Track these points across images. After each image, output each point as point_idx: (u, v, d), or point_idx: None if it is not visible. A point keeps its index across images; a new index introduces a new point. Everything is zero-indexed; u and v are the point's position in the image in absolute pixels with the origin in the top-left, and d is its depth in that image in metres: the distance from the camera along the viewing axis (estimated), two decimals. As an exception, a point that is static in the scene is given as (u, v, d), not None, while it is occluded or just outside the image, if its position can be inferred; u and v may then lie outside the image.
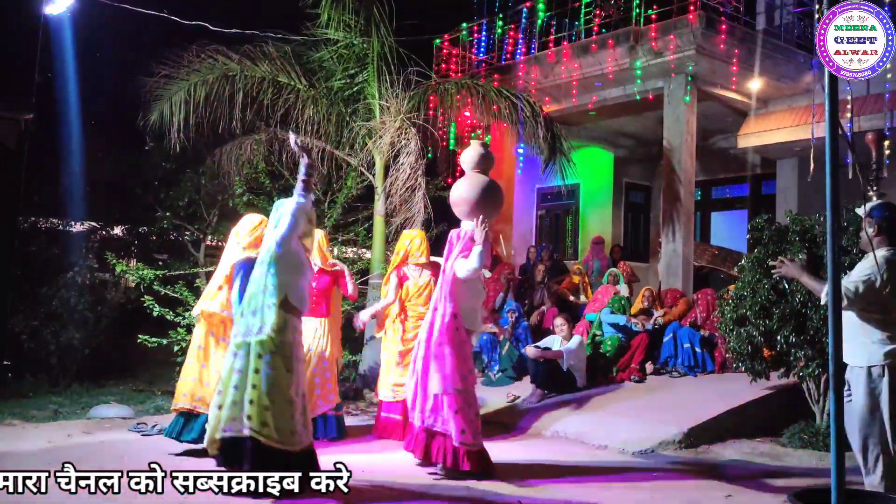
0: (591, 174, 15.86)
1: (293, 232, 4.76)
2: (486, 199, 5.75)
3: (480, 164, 5.91)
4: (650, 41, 11.14)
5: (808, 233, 6.90)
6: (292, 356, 4.70)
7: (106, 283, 10.40)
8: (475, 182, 5.80)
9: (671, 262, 11.29)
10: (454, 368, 5.38)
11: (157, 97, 9.66)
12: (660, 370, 8.89)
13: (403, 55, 9.96)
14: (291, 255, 4.76)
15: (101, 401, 8.15)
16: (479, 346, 9.48)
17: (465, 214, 5.77)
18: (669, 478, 5.52)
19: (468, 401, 5.40)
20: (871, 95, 11.05)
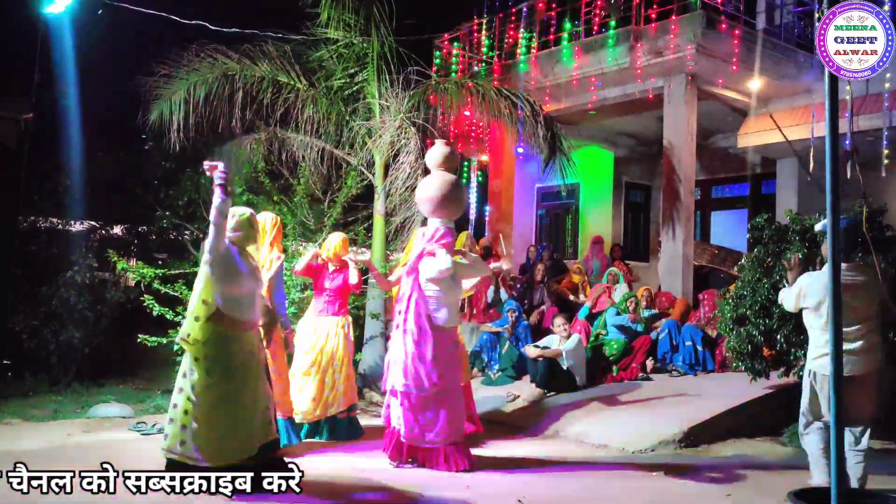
0: (591, 173, 15.86)
1: (217, 238, 4.58)
2: (450, 197, 5.82)
3: (445, 163, 6.00)
4: (650, 40, 11.14)
5: (807, 232, 6.90)
6: (230, 367, 4.58)
7: (106, 282, 10.40)
8: (439, 181, 5.87)
9: (671, 262, 11.29)
10: (415, 367, 5.46)
11: (157, 96, 9.66)
12: (660, 368, 8.89)
13: (403, 54, 9.96)
14: (221, 263, 4.59)
15: (100, 400, 8.15)
16: (478, 346, 9.48)
17: (429, 212, 5.88)
18: (669, 477, 5.52)
19: (438, 400, 5.47)
20: (870, 95, 11.04)
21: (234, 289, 4.63)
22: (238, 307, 4.65)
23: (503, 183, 14.38)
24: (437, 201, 5.81)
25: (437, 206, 5.81)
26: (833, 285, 3.29)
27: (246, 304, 4.71)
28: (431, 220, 5.88)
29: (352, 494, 4.86)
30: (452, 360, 5.65)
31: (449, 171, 6.02)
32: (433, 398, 5.48)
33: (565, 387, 8.17)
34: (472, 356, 9.51)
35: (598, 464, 5.98)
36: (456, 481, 5.20)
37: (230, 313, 4.61)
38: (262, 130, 10.10)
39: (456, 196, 5.90)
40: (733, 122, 12.97)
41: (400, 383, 5.52)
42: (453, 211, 5.97)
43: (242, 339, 4.68)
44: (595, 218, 15.97)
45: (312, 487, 4.65)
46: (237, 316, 4.64)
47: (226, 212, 4.61)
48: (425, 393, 5.44)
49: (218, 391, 4.54)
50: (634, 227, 16.41)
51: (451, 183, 5.88)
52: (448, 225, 5.85)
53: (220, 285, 4.59)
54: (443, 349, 5.55)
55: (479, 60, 13.60)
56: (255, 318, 4.83)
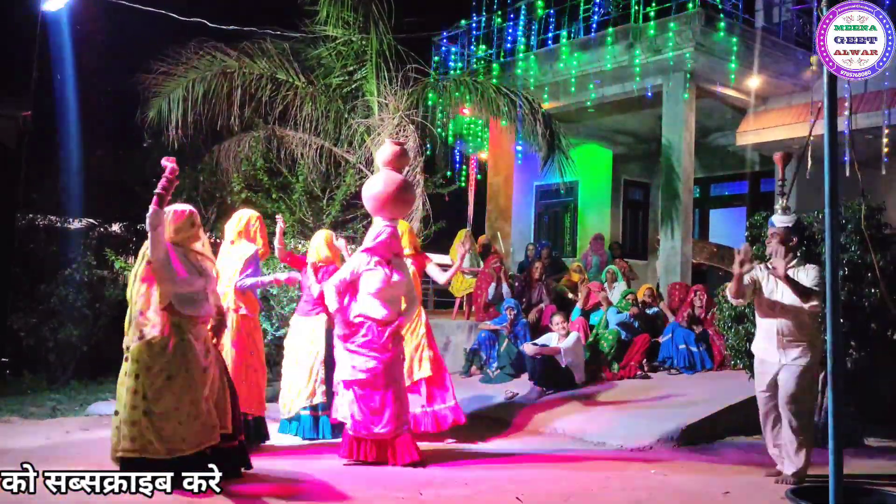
0: (589, 171, 15.86)
1: (154, 247, 4.66)
2: (396, 197, 5.80)
3: (394, 162, 6.00)
4: (649, 38, 11.14)
5: (806, 230, 6.89)
6: (178, 364, 4.62)
7: (104, 279, 10.40)
8: (386, 179, 5.86)
9: (670, 260, 11.30)
10: (345, 360, 5.59)
11: (155, 94, 9.67)
12: (658, 367, 8.89)
13: (402, 52, 9.97)
14: (162, 268, 4.67)
15: (99, 398, 8.15)
16: (477, 343, 9.49)
17: (374, 210, 5.87)
18: (667, 475, 5.53)
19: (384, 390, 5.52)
20: (868, 93, 11.05)
21: (179, 288, 4.71)
22: (190, 303, 4.75)
23: (502, 181, 14.38)
24: (382, 200, 5.76)
25: (381, 205, 5.77)
26: (832, 283, 3.30)
27: (198, 300, 4.79)
28: (376, 219, 5.86)
29: (351, 493, 4.86)
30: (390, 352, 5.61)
31: (397, 171, 6.01)
32: (380, 389, 5.50)
33: (564, 384, 8.18)
34: (471, 354, 9.52)
35: (596, 461, 5.98)
36: (455, 479, 5.21)
37: (182, 310, 4.71)
38: (260, 128, 10.11)
39: (402, 196, 5.87)
40: (732, 120, 12.98)
41: (347, 374, 5.57)
42: (399, 210, 5.96)
43: (195, 333, 4.76)
44: (594, 216, 15.98)
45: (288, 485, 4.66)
46: (191, 312, 4.74)
47: (157, 223, 4.65)
48: (369, 380, 5.48)
49: (175, 385, 4.59)
50: (633, 225, 16.43)
51: (397, 182, 5.85)
52: (394, 225, 5.81)
53: (168, 286, 4.69)
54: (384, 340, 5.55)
55: (477, 58, 13.60)
56: (206, 312, 4.88)
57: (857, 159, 6.61)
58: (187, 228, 4.87)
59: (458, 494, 4.81)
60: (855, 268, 6.58)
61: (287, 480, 5.04)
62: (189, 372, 4.64)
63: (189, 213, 4.92)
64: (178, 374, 4.61)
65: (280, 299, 8.97)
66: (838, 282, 3.38)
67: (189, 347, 4.67)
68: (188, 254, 4.85)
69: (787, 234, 5.13)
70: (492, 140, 14.17)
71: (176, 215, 4.86)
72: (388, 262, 5.66)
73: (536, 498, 4.76)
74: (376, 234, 5.71)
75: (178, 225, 4.85)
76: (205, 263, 4.95)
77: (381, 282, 5.58)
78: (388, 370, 5.55)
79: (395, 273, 5.65)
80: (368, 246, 5.70)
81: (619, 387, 8.26)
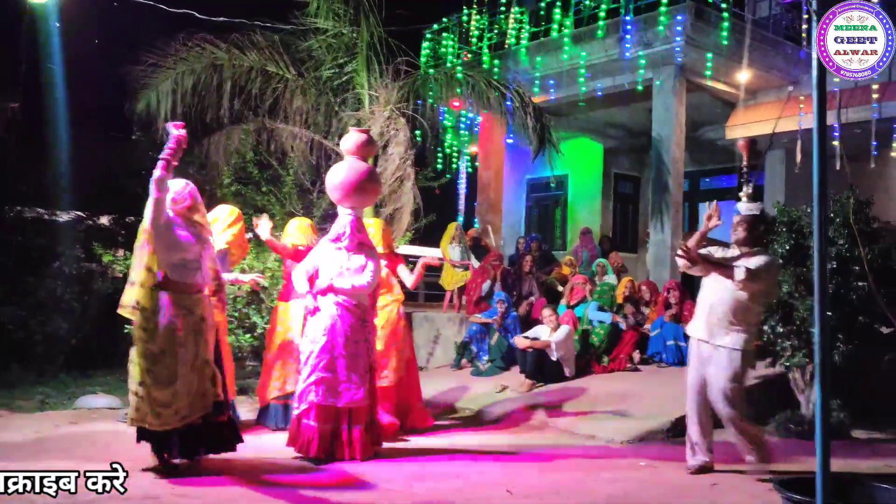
0: (580, 165, 15.87)
1: (156, 212, 4.72)
2: (361, 186, 5.75)
3: (360, 150, 5.94)
4: (639, 31, 11.14)
5: (795, 224, 6.94)
6: (172, 335, 4.73)
7: (93, 273, 10.34)
8: (351, 168, 5.82)
9: (659, 253, 11.33)
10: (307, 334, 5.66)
11: (144, 86, 9.60)
12: (648, 360, 8.92)
13: (393, 45, 9.94)
14: (163, 235, 4.76)
15: (88, 391, 8.11)
16: (468, 337, 9.51)
17: (338, 200, 5.80)
18: (657, 467, 5.56)
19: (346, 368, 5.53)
20: (858, 87, 11.09)
21: (178, 255, 4.81)
22: (184, 272, 4.84)
23: (492, 174, 14.37)
24: (346, 189, 5.71)
25: (346, 194, 5.71)
26: (820, 275, 3.31)
27: (192, 269, 4.88)
28: (341, 210, 5.81)
29: (340, 490, 4.86)
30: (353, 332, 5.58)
31: (363, 159, 5.96)
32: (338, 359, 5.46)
33: (554, 378, 8.20)
34: (462, 347, 9.53)
35: (586, 454, 6.00)
36: (446, 473, 5.22)
37: (177, 278, 4.79)
38: (250, 121, 10.06)
39: (368, 185, 5.81)
40: (721, 113, 13.01)
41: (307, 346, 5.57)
42: (364, 200, 5.91)
43: (190, 303, 4.84)
44: (584, 209, 15.99)
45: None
46: (184, 280, 4.82)
47: (164, 187, 4.74)
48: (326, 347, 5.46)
49: (168, 357, 4.71)
50: (623, 219, 16.45)
51: (363, 171, 5.80)
52: (358, 215, 5.77)
53: (164, 254, 4.77)
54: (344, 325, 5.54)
55: (468, 51, 13.58)
56: (202, 281, 4.96)
57: (846, 153, 6.63)
58: (186, 199, 4.98)
59: (449, 487, 4.82)
60: (843, 261, 6.63)
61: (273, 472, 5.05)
62: (182, 347, 4.75)
63: (188, 184, 5.09)
64: (169, 350, 4.72)
65: (270, 292, 8.95)
66: (826, 275, 3.39)
67: (181, 324, 4.76)
68: (187, 222, 4.95)
69: (754, 222, 5.10)
70: (482, 133, 14.16)
71: (175, 185, 4.98)
72: (353, 251, 5.62)
73: (527, 490, 4.78)
74: (338, 224, 5.67)
75: (178, 196, 4.95)
76: (203, 232, 5.05)
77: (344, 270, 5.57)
78: (347, 345, 5.49)
79: (352, 259, 5.62)
80: (332, 236, 5.67)
81: (609, 380, 8.29)
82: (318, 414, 5.38)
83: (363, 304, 5.65)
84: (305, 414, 5.41)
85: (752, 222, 5.12)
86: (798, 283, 6.62)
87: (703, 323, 5.12)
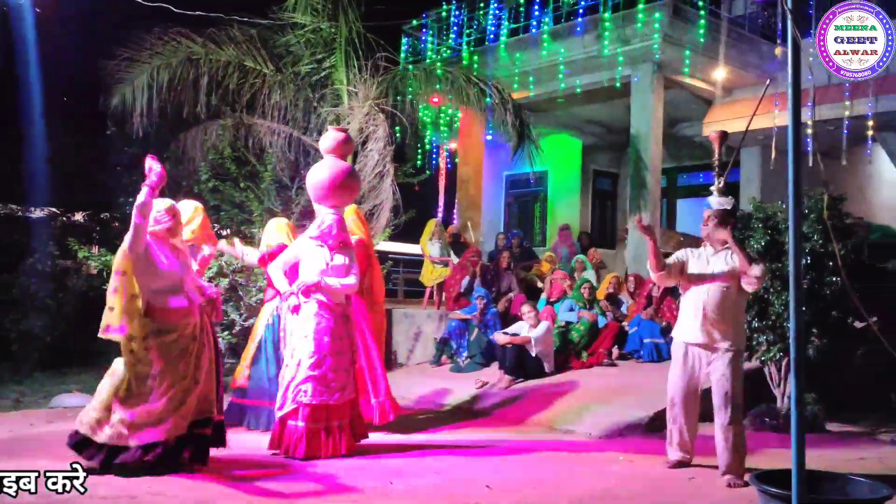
0: (559, 161, 15.93)
1: (136, 238, 4.67)
2: (342, 185, 5.75)
3: (338, 149, 5.93)
4: (618, 28, 11.20)
5: (770, 219, 7.01)
6: (159, 358, 4.70)
7: (67, 270, 10.23)
8: (332, 167, 5.80)
9: (638, 249, 11.40)
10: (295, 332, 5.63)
11: (119, 81, 9.49)
12: (627, 356, 8.97)
13: (371, 40, 9.90)
14: (141, 261, 4.71)
15: (63, 389, 8.03)
16: (447, 333, 9.50)
17: (319, 199, 5.79)
18: (635, 461, 5.60)
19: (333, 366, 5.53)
20: (832, 85, 11.23)
21: (156, 281, 4.75)
22: (166, 298, 4.77)
23: (472, 170, 14.38)
24: (327, 188, 5.70)
25: (327, 193, 5.70)
26: (794, 270, 3.34)
27: (174, 294, 4.81)
28: (319, 209, 5.78)
29: (320, 485, 4.85)
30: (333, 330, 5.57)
31: (342, 158, 5.95)
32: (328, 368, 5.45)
33: (534, 373, 8.23)
34: (441, 343, 9.53)
35: (565, 449, 6.03)
36: (426, 468, 5.23)
37: (160, 305, 4.74)
38: (228, 116, 9.98)
39: (348, 183, 5.82)
40: (698, 110, 13.11)
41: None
42: (344, 199, 5.91)
43: (179, 328, 4.79)
44: (563, 205, 16.06)
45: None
46: (167, 306, 4.76)
47: (146, 213, 4.68)
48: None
49: (160, 381, 4.68)
50: (602, 215, 16.55)
51: (343, 170, 5.81)
52: (340, 214, 5.75)
53: (144, 280, 4.72)
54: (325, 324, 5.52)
55: (448, 47, 13.57)
56: (187, 303, 4.88)
57: (820, 150, 6.70)
58: (167, 220, 4.90)
59: (429, 483, 4.82)
60: (817, 257, 6.71)
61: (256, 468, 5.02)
62: (171, 370, 4.70)
63: (172, 206, 5.00)
64: (158, 373, 4.68)
65: (249, 289, 8.90)
66: (801, 270, 3.42)
67: (168, 347, 4.72)
68: (166, 246, 4.88)
69: (724, 217, 5.06)
70: (462, 129, 14.16)
71: (157, 205, 4.88)
72: (335, 250, 5.60)
73: (506, 486, 4.79)
74: (320, 223, 5.63)
75: (160, 215, 4.87)
76: (181, 256, 4.99)
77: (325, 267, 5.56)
78: (332, 343, 5.48)
79: (336, 258, 5.60)
80: (314, 234, 5.65)
81: (588, 375, 8.33)
82: (310, 414, 5.37)
83: (342, 301, 5.64)
84: (293, 415, 5.39)
85: (722, 216, 5.10)
86: (773, 278, 6.69)
87: (695, 326, 5.01)
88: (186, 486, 4.52)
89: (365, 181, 9.26)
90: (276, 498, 4.44)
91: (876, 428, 6.71)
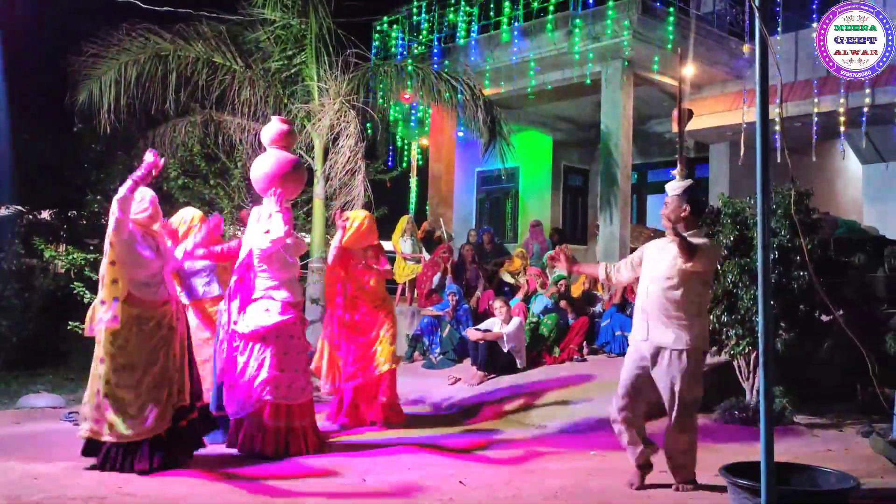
0: (530, 158, 15.98)
1: (117, 230, 4.75)
2: (288, 176, 5.73)
3: (282, 141, 5.90)
4: (588, 25, 11.26)
5: (739, 215, 7.09)
6: (139, 348, 4.79)
7: (34, 269, 10.06)
8: (277, 158, 5.78)
9: (608, 245, 11.49)
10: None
11: (86, 77, 9.33)
12: (598, 350, 9.02)
13: (342, 37, 9.83)
14: (124, 250, 4.79)
15: (31, 390, 7.91)
16: (419, 329, 9.50)
17: (265, 191, 5.74)
18: (606, 455, 5.64)
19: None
20: (799, 81, 11.40)
21: (140, 272, 4.84)
22: (147, 288, 4.87)
23: (443, 166, 14.37)
24: (272, 179, 5.66)
25: (273, 185, 5.65)
26: (763, 266, 3.38)
27: (154, 283, 4.92)
28: (266, 200, 5.74)
29: (291, 483, 4.83)
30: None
31: (285, 149, 5.92)
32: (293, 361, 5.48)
33: (506, 369, 8.26)
34: (413, 340, 9.53)
35: (538, 444, 6.06)
36: (399, 465, 5.23)
37: (140, 295, 4.82)
38: (197, 113, 9.86)
39: (294, 175, 5.79)
40: (668, 107, 13.22)
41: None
42: (290, 191, 5.87)
43: (158, 316, 4.90)
44: (534, 202, 16.12)
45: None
46: (147, 297, 4.85)
47: (126, 208, 4.77)
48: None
49: (138, 371, 4.77)
50: (573, 211, 16.63)
51: (288, 161, 5.78)
52: (287, 207, 5.69)
53: (126, 271, 4.80)
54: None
55: (419, 43, 13.54)
56: (166, 293, 5.00)
57: (788, 146, 6.79)
58: (147, 208, 4.97)
59: (402, 479, 4.82)
60: (784, 252, 6.80)
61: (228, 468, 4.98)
62: (152, 359, 4.82)
63: (153, 193, 5.06)
64: (138, 363, 4.78)
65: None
66: (769, 265, 3.46)
67: (149, 335, 4.82)
68: (146, 235, 4.97)
69: (680, 202, 4.66)
70: (433, 126, 14.15)
71: (135, 195, 4.94)
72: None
73: (479, 482, 4.81)
74: (269, 215, 5.56)
75: (137, 206, 4.93)
76: (161, 244, 5.08)
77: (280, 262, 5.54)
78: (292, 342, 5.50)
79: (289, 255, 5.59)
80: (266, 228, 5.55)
81: (559, 371, 8.37)
82: (271, 412, 5.35)
83: (300, 300, 5.66)
84: (257, 413, 5.36)
85: (678, 202, 4.83)
86: (742, 273, 6.77)
87: (637, 322, 4.75)
88: (156, 485, 4.48)
89: (336, 178, 9.23)
90: (247, 492, 4.41)
91: (843, 420, 6.82)
